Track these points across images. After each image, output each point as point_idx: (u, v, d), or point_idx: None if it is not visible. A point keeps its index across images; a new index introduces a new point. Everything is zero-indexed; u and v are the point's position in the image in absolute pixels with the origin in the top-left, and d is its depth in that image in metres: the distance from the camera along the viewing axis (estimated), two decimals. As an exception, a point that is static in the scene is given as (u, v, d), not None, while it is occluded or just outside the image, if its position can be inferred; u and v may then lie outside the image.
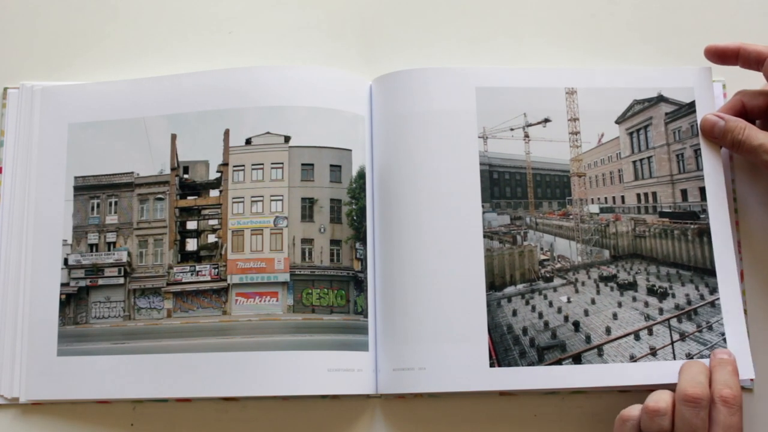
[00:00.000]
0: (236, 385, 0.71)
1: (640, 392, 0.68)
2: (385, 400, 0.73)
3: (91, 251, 0.76)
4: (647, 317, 0.72)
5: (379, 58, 0.81)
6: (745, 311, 0.73)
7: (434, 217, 0.72)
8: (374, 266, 0.74)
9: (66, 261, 0.75)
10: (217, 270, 0.75)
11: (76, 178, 0.76)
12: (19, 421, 0.73)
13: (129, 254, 0.76)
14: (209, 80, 0.76)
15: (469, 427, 0.73)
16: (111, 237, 0.77)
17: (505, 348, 0.70)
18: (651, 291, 0.73)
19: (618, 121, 0.76)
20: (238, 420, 0.73)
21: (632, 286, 0.73)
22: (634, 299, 0.73)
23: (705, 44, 0.74)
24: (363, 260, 0.74)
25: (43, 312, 0.74)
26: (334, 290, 0.74)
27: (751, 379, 0.72)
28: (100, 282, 0.76)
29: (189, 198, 0.77)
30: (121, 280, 0.76)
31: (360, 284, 0.74)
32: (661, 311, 0.72)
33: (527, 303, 0.73)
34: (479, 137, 0.74)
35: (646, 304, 0.72)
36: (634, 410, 0.65)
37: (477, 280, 0.71)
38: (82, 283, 0.75)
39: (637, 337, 0.71)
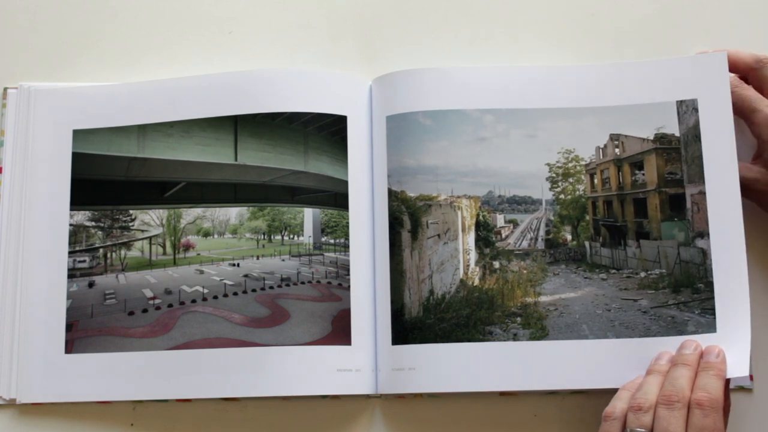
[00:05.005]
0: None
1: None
2: (384, 400, 0.73)
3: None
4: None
5: (379, 58, 0.81)
6: (745, 311, 0.73)
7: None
8: (374, 268, 0.74)
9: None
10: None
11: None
12: (18, 422, 0.72)
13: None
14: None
15: (469, 427, 0.73)
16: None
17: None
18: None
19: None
20: (238, 420, 0.73)
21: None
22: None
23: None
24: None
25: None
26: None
27: (751, 377, 0.72)
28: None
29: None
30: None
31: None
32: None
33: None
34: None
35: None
36: (617, 407, 0.65)
37: None
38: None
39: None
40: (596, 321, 0.71)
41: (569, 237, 0.75)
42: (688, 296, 0.71)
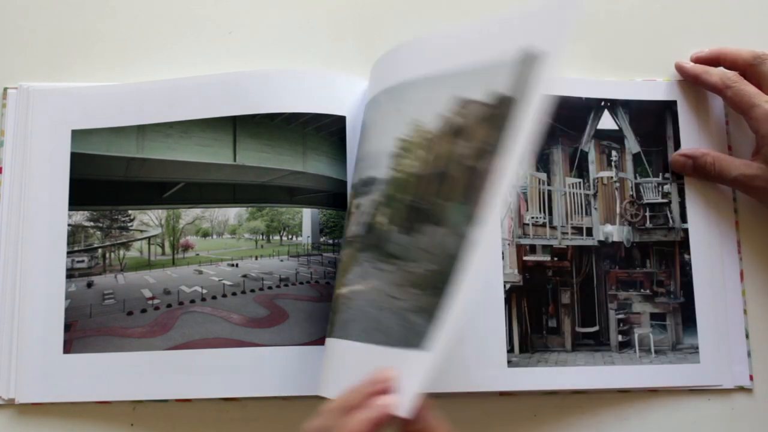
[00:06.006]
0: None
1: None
2: (384, 400, 0.73)
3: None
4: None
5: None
6: (745, 311, 0.73)
7: None
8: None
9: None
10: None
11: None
12: (17, 422, 0.72)
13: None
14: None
15: (468, 427, 0.73)
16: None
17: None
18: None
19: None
20: (238, 420, 0.73)
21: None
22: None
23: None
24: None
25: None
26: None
27: (751, 377, 0.72)
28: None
29: (188, 198, 0.77)
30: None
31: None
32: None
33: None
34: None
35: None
36: None
37: None
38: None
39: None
40: (364, 320, 0.62)
41: (385, 220, 0.63)
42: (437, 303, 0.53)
